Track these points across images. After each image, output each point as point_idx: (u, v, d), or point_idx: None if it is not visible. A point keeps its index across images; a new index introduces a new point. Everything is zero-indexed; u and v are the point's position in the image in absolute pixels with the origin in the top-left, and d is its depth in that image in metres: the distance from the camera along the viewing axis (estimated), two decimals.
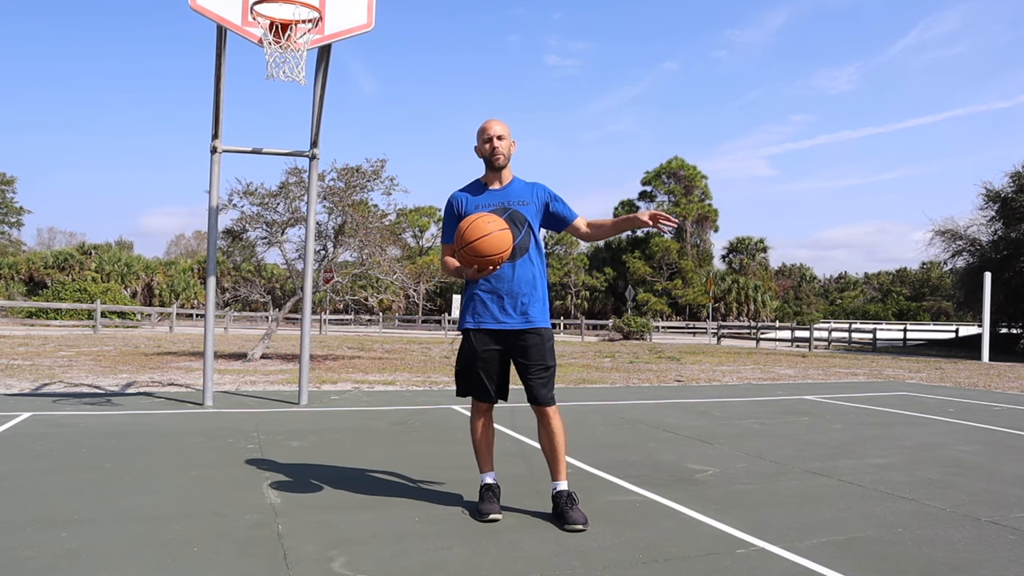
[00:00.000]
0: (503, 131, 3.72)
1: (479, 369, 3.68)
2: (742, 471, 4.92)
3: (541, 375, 3.65)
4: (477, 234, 3.37)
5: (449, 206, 3.78)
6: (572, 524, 3.48)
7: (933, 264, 64.80)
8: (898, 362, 19.01)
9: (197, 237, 78.93)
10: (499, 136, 3.70)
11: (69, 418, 6.43)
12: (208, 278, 7.48)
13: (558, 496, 3.64)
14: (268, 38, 6.45)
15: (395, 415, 7.14)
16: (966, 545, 3.39)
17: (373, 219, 14.89)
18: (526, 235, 3.68)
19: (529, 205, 3.73)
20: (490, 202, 3.70)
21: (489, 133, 3.71)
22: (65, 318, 30.23)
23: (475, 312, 3.68)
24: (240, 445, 5.40)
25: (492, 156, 3.70)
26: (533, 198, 3.76)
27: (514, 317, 3.64)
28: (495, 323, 3.65)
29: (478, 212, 3.59)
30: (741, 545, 3.32)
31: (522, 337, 3.65)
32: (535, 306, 3.68)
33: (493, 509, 3.64)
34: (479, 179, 3.83)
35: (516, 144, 3.80)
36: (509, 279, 3.63)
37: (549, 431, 3.68)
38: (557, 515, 3.61)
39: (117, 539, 3.20)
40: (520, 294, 3.64)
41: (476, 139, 3.77)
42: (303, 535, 3.32)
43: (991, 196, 26.32)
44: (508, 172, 3.79)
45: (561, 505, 3.59)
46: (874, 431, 6.82)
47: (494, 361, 3.70)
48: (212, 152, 7.41)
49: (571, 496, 3.61)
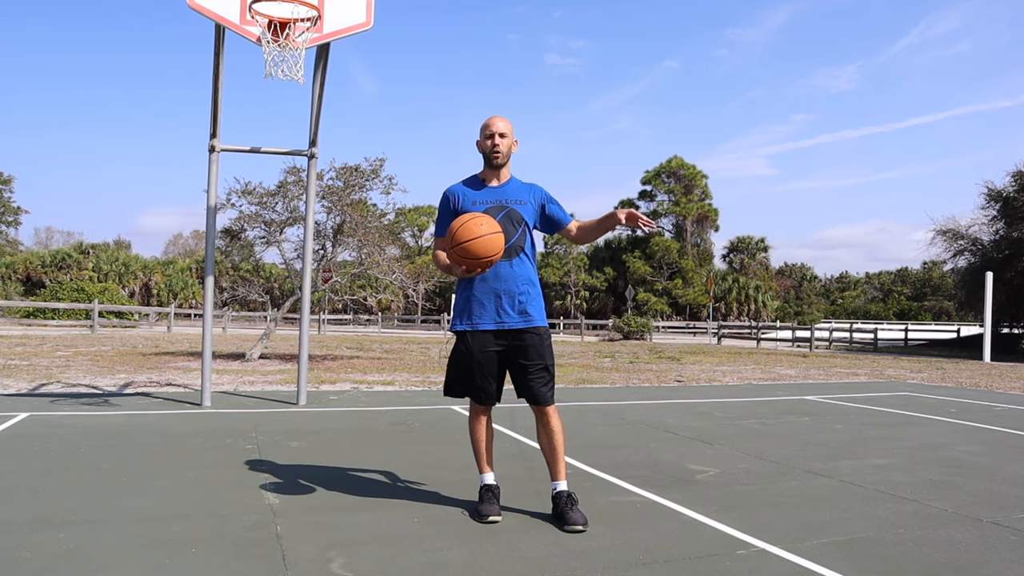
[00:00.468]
0: (506, 129, 3.72)
1: (478, 371, 3.65)
2: (743, 472, 4.92)
3: (541, 375, 3.63)
4: (468, 235, 3.35)
5: (445, 200, 3.77)
6: (572, 525, 3.48)
7: (935, 264, 64.75)
8: (899, 362, 19.02)
9: (195, 236, 78.93)
10: (501, 134, 3.70)
11: (67, 418, 6.43)
12: (206, 278, 7.47)
13: (558, 497, 3.64)
14: (267, 36, 6.45)
15: (394, 415, 7.14)
16: (967, 546, 3.40)
17: (372, 218, 14.89)
18: (523, 234, 3.68)
19: (527, 205, 3.74)
20: (488, 199, 3.70)
21: (492, 129, 3.70)
22: (62, 318, 30.23)
23: (471, 313, 3.66)
24: (238, 445, 5.40)
25: (491, 152, 3.70)
26: (531, 198, 3.77)
27: (513, 316, 3.63)
28: (494, 323, 3.63)
29: (472, 211, 3.58)
30: (742, 546, 3.32)
31: (521, 336, 3.64)
32: (533, 305, 3.68)
33: (493, 510, 3.64)
34: (476, 175, 3.82)
35: (519, 144, 3.81)
36: (506, 278, 3.62)
37: (548, 431, 3.68)
38: (557, 516, 3.61)
39: (115, 540, 3.20)
40: (518, 293, 3.64)
41: (479, 133, 3.78)
42: (302, 536, 3.32)
43: (993, 195, 26.33)
44: (507, 171, 3.79)
45: (561, 506, 3.59)
46: (875, 431, 6.82)
47: (492, 362, 3.67)
48: (210, 151, 7.41)
49: (571, 497, 3.62)
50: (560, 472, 3.69)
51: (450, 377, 3.76)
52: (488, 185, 3.76)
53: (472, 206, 3.66)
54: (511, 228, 3.62)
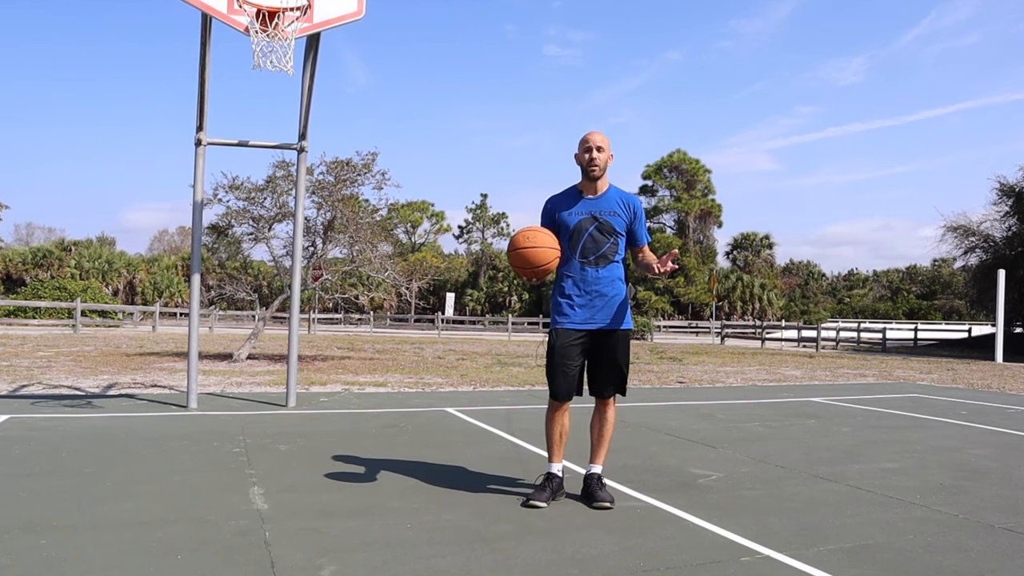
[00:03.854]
0: (604, 143, 4.11)
1: (560, 367, 4.04)
2: (746, 476, 4.93)
3: (617, 372, 4.12)
4: (513, 247, 3.93)
5: (544, 211, 4.22)
6: (600, 502, 3.98)
7: (945, 261, 64.99)
8: (908, 363, 19.06)
9: (181, 233, 78.86)
10: (599, 147, 4.09)
11: (48, 421, 6.42)
12: (192, 275, 7.46)
13: (590, 478, 4.14)
14: (255, 26, 6.43)
15: (386, 418, 7.14)
16: (979, 553, 3.41)
17: (364, 214, 14.88)
18: (613, 244, 4.11)
19: (619, 216, 4.14)
20: (582, 210, 4.12)
21: (590, 144, 4.10)
22: (44, 317, 30.16)
23: (561, 312, 4.11)
24: (226, 449, 5.40)
25: (589, 166, 4.10)
26: (624, 210, 4.16)
27: (600, 317, 4.07)
28: (584, 324, 4.06)
29: (564, 221, 4.10)
30: (746, 553, 3.33)
31: (609, 336, 4.08)
32: (619, 308, 4.11)
33: (541, 497, 4.02)
34: (576, 186, 4.22)
35: (614, 158, 4.17)
36: (595, 281, 4.07)
37: (603, 420, 4.21)
38: (587, 495, 4.10)
39: (98, 546, 3.19)
40: (609, 296, 4.08)
41: (577, 147, 4.16)
42: (291, 542, 3.31)
43: (1005, 190, 26.40)
44: (604, 182, 4.17)
45: (592, 486, 4.09)
46: (883, 435, 6.84)
47: (578, 359, 4.09)
48: (197, 145, 7.40)
49: (600, 479, 4.13)
50: (600, 457, 4.20)
51: (548, 374, 4.12)
52: (584, 196, 4.15)
53: (567, 216, 4.12)
54: (602, 238, 4.08)
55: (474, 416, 7.30)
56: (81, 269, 51.21)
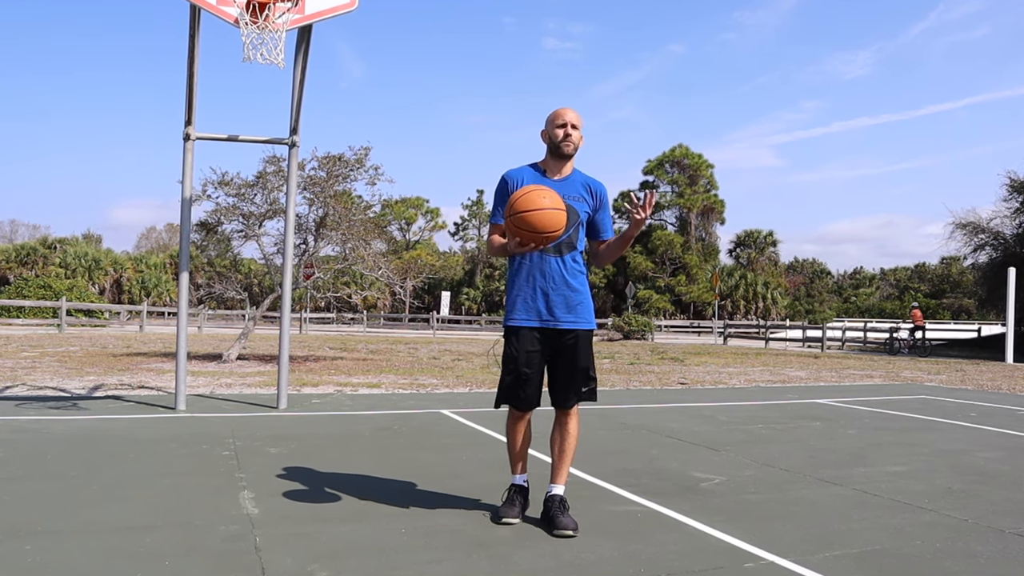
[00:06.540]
0: (578, 122, 3.80)
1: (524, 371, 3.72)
2: (750, 479, 4.94)
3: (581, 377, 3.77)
4: (529, 206, 3.41)
5: (503, 183, 3.83)
6: (562, 529, 3.56)
7: (953, 259, 65.02)
8: (916, 364, 19.09)
9: (169, 230, 78.76)
10: (574, 124, 3.78)
11: (32, 423, 6.41)
12: (181, 274, 7.45)
13: (551, 500, 3.73)
14: (245, 18, 6.43)
15: (380, 420, 7.14)
16: (989, 559, 3.41)
17: (357, 211, 14.87)
18: (575, 232, 3.75)
19: (583, 203, 3.81)
20: None
21: (565, 119, 3.77)
22: (28, 316, 30.12)
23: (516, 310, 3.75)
24: (215, 452, 5.39)
25: (563, 142, 3.76)
26: (590, 196, 3.84)
27: (558, 316, 3.71)
28: (539, 321, 3.72)
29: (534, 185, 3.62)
30: (749, 558, 3.33)
31: (570, 335, 3.73)
32: (583, 303, 3.77)
33: (511, 512, 3.78)
34: (537, 163, 3.89)
35: (584, 140, 3.85)
36: (554, 275, 3.71)
37: (564, 432, 3.83)
38: (547, 520, 3.69)
39: (84, 552, 3.19)
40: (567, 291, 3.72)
41: (545, 124, 3.84)
42: (282, 548, 3.31)
43: (1015, 186, 26.42)
44: (571, 164, 3.86)
45: (553, 509, 3.68)
46: (890, 437, 6.85)
47: (539, 362, 3.76)
48: (185, 139, 7.39)
49: (563, 501, 3.71)
50: (562, 475, 3.81)
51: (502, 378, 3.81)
52: (548, 177, 3.80)
53: None
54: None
55: (470, 418, 7.30)
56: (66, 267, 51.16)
